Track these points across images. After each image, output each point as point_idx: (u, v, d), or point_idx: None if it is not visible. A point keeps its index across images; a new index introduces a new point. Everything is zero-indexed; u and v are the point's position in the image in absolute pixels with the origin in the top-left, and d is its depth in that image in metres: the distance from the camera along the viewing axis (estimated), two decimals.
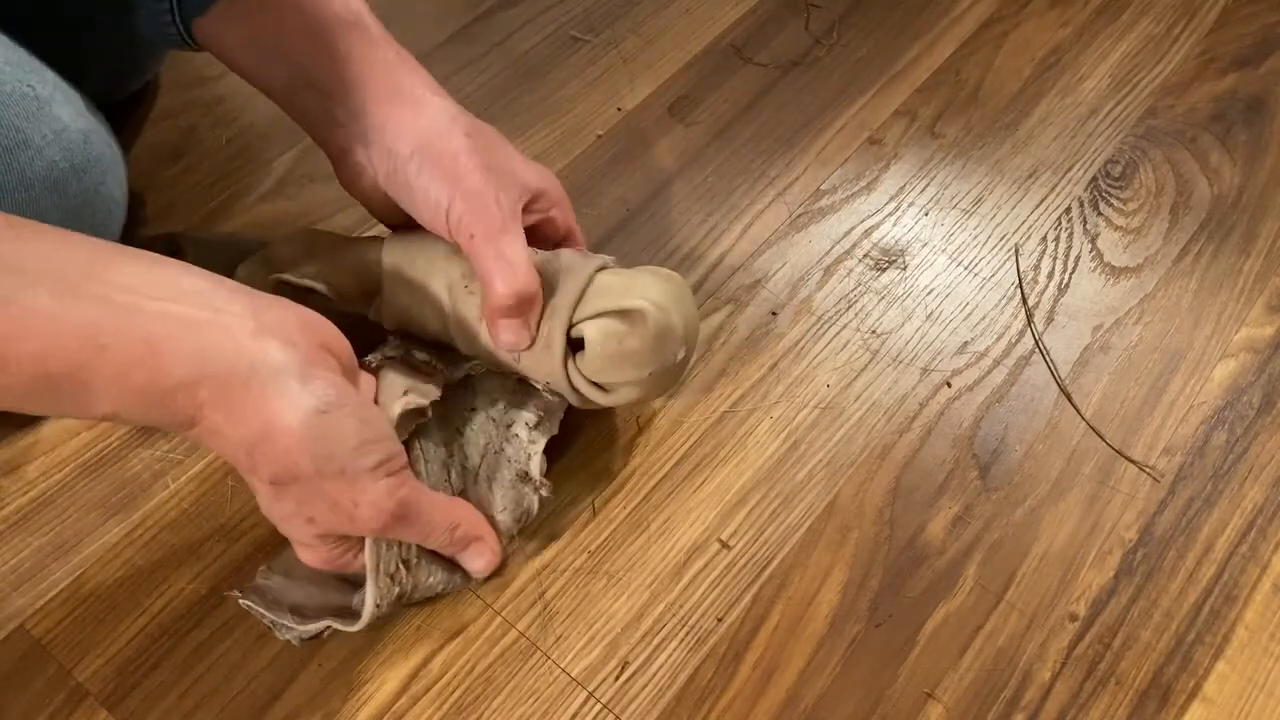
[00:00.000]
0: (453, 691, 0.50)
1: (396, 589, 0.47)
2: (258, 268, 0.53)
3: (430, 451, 0.50)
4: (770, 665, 0.51)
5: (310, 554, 0.46)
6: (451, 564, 0.50)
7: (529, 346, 0.50)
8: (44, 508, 0.55)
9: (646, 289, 0.49)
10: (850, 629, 0.52)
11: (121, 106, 0.71)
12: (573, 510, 0.55)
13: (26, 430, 0.57)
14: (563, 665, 0.51)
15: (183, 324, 0.38)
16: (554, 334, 0.49)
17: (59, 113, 0.51)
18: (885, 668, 0.51)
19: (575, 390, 0.51)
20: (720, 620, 0.52)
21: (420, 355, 0.51)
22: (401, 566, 0.47)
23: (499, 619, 0.52)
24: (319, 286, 0.53)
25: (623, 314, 0.48)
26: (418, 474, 0.48)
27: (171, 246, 0.56)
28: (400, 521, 0.44)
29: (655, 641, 0.51)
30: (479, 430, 0.53)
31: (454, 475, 0.51)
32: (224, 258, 0.55)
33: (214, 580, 0.53)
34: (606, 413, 0.59)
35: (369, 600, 0.46)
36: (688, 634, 0.52)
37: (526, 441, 0.52)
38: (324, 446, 0.40)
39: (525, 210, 0.51)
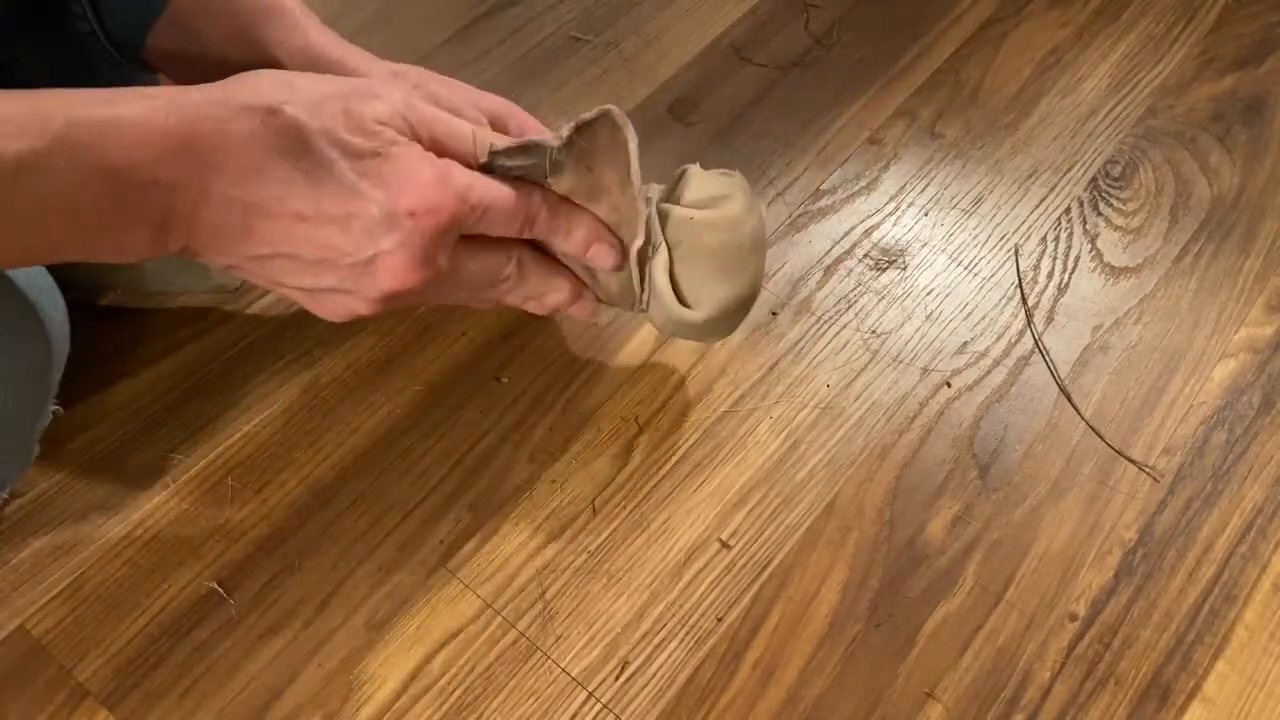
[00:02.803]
0: (453, 691, 0.50)
1: None
2: None
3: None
4: (770, 665, 0.51)
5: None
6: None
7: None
8: (44, 508, 0.55)
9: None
10: (850, 629, 0.52)
11: None
12: (573, 510, 0.55)
13: None
14: (563, 665, 0.51)
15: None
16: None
17: None
18: (885, 667, 0.51)
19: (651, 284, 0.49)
20: (720, 620, 0.52)
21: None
22: None
23: (499, 619, 0.52)
24: None
25: (711, 200, 0.49)
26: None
27: None
28: None
29: (655, 641, 0.51)
30: None
31: None
32: None
33: (214, 580, 0.53)
34: (606, 412, 0.59)
35: None
36: (688, 634, 0.52)
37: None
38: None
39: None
